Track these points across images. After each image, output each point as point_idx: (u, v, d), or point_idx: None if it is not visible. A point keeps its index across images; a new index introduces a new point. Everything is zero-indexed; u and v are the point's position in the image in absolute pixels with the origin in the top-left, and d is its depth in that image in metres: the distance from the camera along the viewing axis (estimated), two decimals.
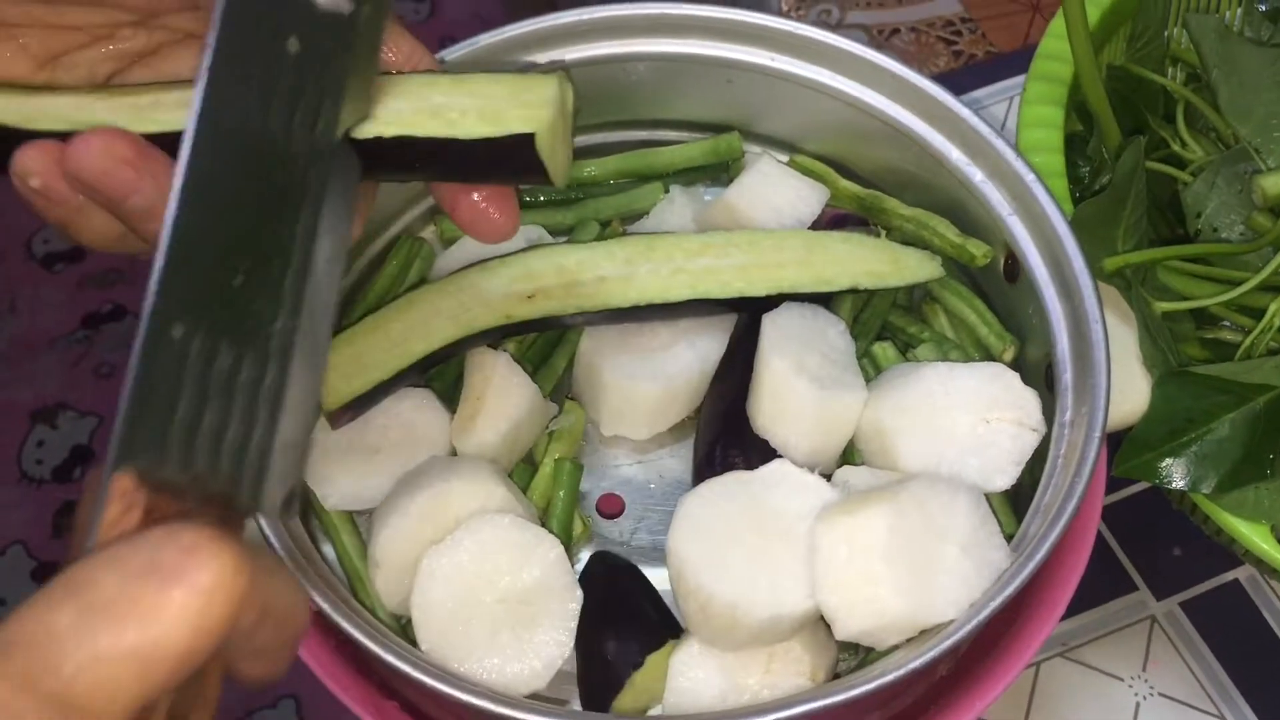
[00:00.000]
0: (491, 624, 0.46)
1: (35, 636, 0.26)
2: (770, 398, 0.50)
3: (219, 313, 0.33)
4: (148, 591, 0.26)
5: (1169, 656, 0.63)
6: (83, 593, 0.26)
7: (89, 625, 0.26)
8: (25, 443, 1.52)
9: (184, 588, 0.26)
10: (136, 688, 0.26)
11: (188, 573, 0.26)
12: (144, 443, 0.31)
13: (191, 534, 0.27)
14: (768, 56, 0.57)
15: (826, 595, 0.44)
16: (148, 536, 0.27)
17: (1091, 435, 0.46)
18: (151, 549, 0.27)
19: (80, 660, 0.26)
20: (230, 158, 0.34)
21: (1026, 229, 0.53)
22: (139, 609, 0.26)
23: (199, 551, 0.27)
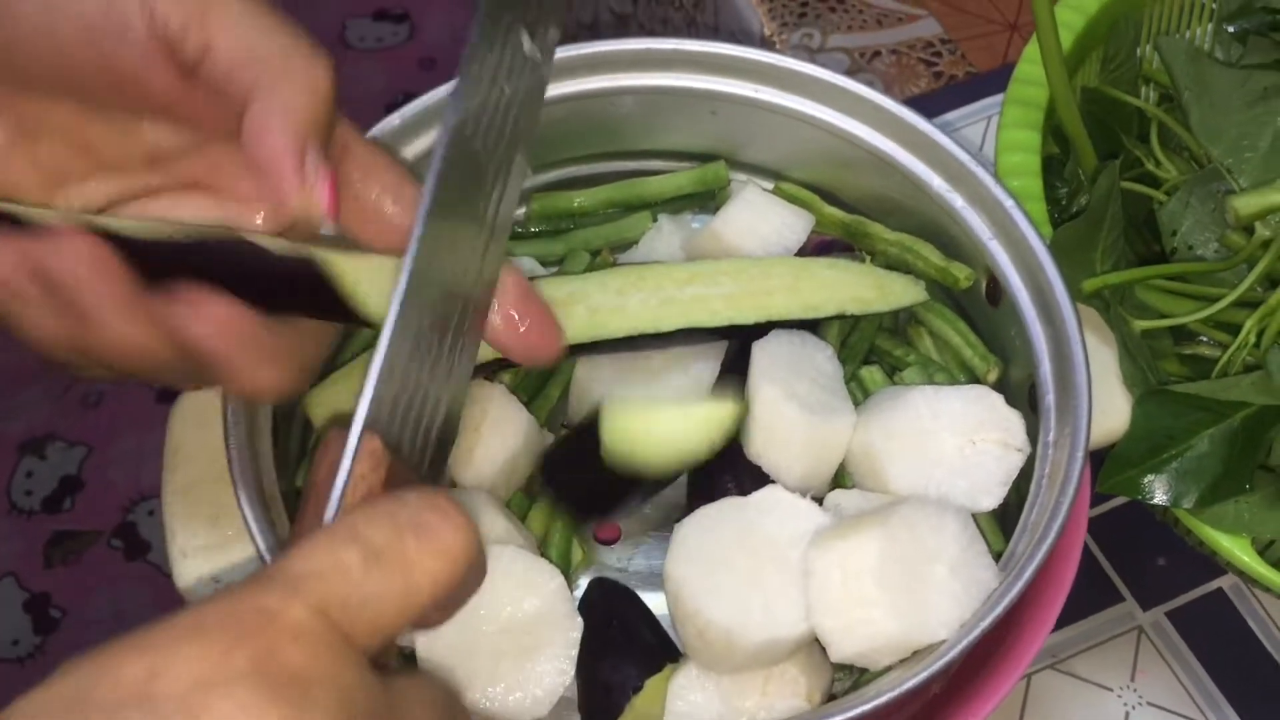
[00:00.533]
0: (494, 654, 0.47)
1: (328, 571, 0.29)
2: (762, 425, 0.51)
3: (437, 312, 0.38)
4: (413, 546, 0.31)
5: (1157, 666, 0.64)
6: (363, 539, 0.30)
7: (371, 568, 0.30)
8: (14, 474, 1.52)
9: (439, 547, 0.31)
10: (395, 626, 0.30)
11: (443, 535, 0.31)
12: (385, 411, 0.36)
13: (447, 503, 0.32)
14: (751, 88, 0.59)
15: (822, 618, 0.45)
16: (411, 499, 0.32)
17: (1075, 455, 0.47)
18: (415, 510, 0.31)
19: (363, 597, 0.29)
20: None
21: (1007, 253, 0.54)
22: (406, 561, 0.30)
23: (452, 518, 0.31)
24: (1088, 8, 0.65)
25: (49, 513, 1.50)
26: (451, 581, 0.31)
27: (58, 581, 1.45)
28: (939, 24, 0.88)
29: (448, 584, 0.31)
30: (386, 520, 0.31)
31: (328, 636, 0.28)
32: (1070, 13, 0.64)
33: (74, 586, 1.45)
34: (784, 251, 0.59)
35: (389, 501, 0.32)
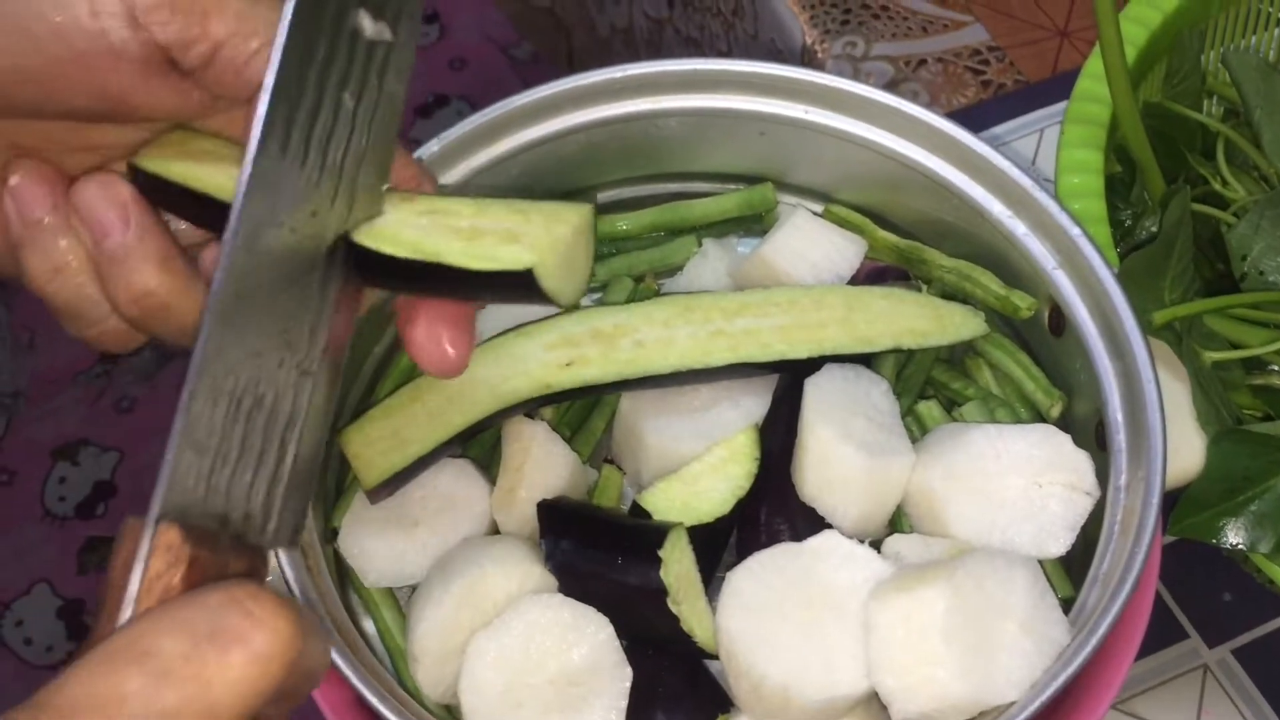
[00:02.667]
0: (542, 706, 0.46)
1: (105, 698, 0.27)
2: (816, 466, 0.49)
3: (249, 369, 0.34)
4: (212, 656, 0.27)
5: (1223, 706, 0.62)
6: (149, 657, 0.27)
7: (157, 688, 0.27)
8: (48, 480, 1.52)
9: (246, 653, 0.28)
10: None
11: (249, 639, 0.28)
12: (185, 494, 0.32)
13: (251, 600, 0.28)
14: (801, 109, 0.56)
15: (884, 677, 0.43)
16: (208, 599, 0.28)
17: (1149, 502, 0.45)
18: (214, 613, 0.28)
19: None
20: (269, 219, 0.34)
21: (1072, 283, 0.52)
22: (205, 672, 0.27)
23: (259, 618, 0.28)
24: (1150, 21, 0.63)
25: (82, 518, 1.50)
26: (266, 685, 0.28)
27: (91, 588, 1.45)
28: (986, 31, 0.85)
29: (262, 690, 0.28)
30: (177, 630, 0.28)
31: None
32: (1133, 26, 0.62)
33: None
34: (836, 279, 0.57)
35: (183, 607, 0.28)
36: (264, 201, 0.34)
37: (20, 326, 1.62)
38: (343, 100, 0.36)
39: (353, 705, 0.47)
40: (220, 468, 0.33)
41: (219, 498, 0.33)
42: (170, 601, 0.29)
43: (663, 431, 0.53)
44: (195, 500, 0.32)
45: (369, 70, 0.37)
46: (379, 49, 0.37)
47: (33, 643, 1.41)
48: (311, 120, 0.35)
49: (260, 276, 0.34)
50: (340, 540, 0.52)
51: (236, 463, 0.33)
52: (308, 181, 0.36)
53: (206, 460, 0.32)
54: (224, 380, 0.33)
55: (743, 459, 0.51)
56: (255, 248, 0.34)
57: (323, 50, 0.35)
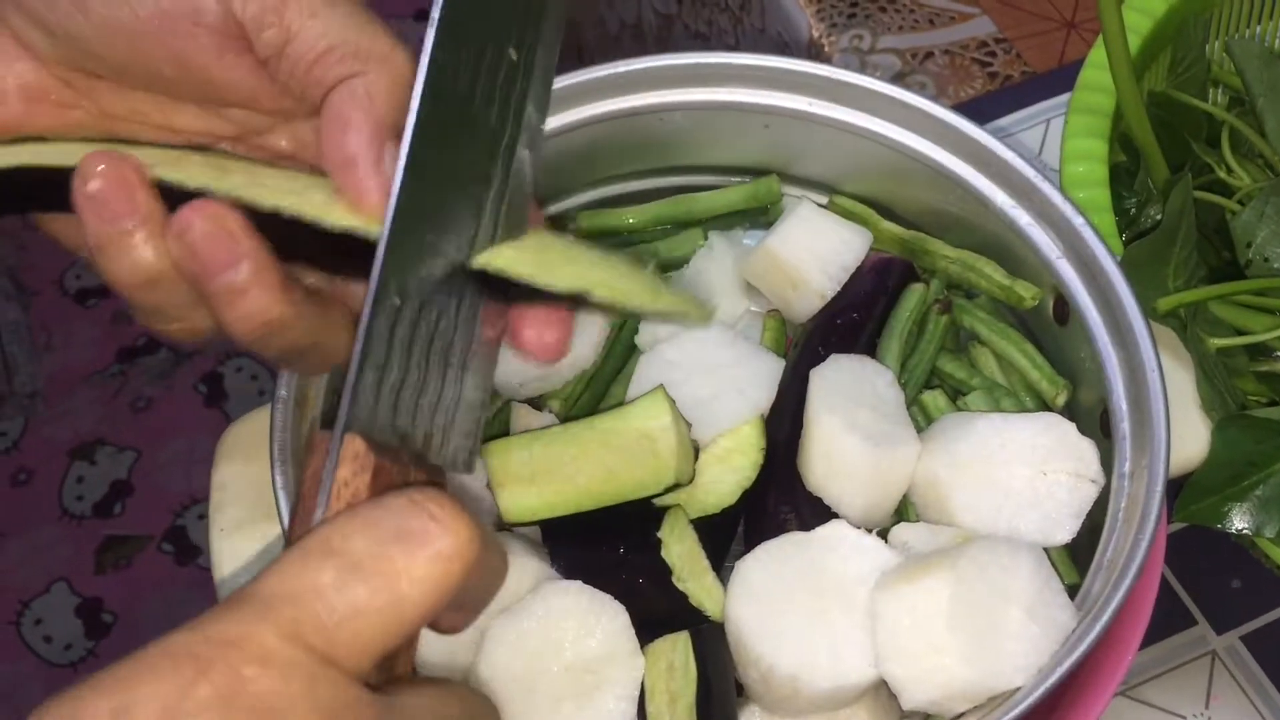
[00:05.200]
0: (556, 693, 0.46)
1: (300, 592, 0.28)
2: (822, 456, 0.49)
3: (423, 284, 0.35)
4: (398, 555, 0.29)
5: (1232, 692, 0.62)
6: (340, 553, 0.29)
7: (348, 584, 0.28)
8: (65, 479, 1.53)
9: (429, 553, 0.29)
10: (384, 641, 0.29)
11: (432, 539, 0.29)
12: (368, 406, 0.33)
13: (434, 503, 0.30)
14: (805, 101, 0.57)
15: (891, 665, 0.43)
16: (394, 502, 0.30)
17: (1153, 489, 0.45)
18: (400, 515, 0.29)
19: (341, 615, 0.28)
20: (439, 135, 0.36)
21: (1076, 272, 0.52)
22: (391, 570, 0.29)
23: (442, 520, 0.29)
24: (1154, 9, 0.63)
25: (100, 517, 1.51)
26: (449, 585, 0.29)
27: (109, 586, 1.46)
28: (993, 23, 0.85)
29: (445, 588, 0.29)
30: (365, 529, 0.29)
31: (301, 660, 0.27)
32: (1137, 15, 0.62)
33: (125, 591, 1.46)
34: (842, 270, 0.57)
35: (369, 509, 0.30)
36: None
37: (38, 327, 1.63)
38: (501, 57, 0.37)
39: None
40: (399, 389, 0.34)
41: (399, 417, 0.34)
42: (358, 506, 0.30)
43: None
44: (378, 417, 0.33)
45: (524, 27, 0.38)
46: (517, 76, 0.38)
47: (52, 641, 1.43)
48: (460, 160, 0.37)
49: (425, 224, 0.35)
50: None
51: (415, 386, 0.35)
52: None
53: (386, 379, 0.34)
54: (397, 303, 0.34)
55: (748, 450, 0.52)
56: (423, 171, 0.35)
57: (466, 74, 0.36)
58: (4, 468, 1.54)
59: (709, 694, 0.45)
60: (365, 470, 0.32)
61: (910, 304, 0.56)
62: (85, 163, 0.37)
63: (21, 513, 1.51)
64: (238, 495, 0.51)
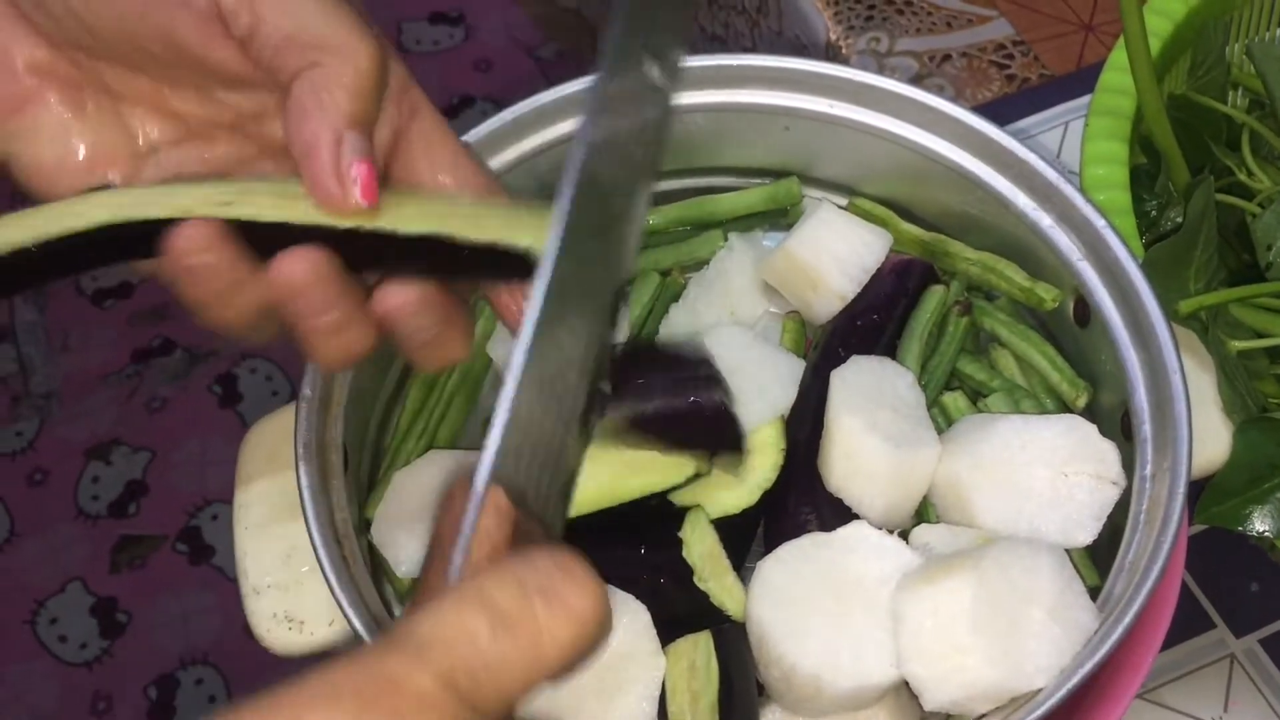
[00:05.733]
0: (579, 692, 0.46)
1: (456, 638, 0.29)
2: (843, 457, 0.49)
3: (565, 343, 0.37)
4: (542, 612, 0.30)
5: (1250, 695, 0.62)
6: (491, 605, 0.30)
7: (499, 635, 0.29)
8: (81, 479, 1.54)
9: (570, 613, 0.30)
10: (520, 691, 0.30)
11: (571, 599, 0.30)
12: (512, 462, 0.34)
13: (578, 566, 0.31)
14: (826, 104, 0.57)
15: (913, 666, 0.43)
16: (539, 561, 0.31)
17: (1175, 491, 0.45)
18: (544, 574, 0.30)
19: (490, 664, 0.29)
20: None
21: (1098, 275, 0.52)
22: (535, 627, 0.30)
23: (582, 583, 0.31)
24: (1175, 12, 0.63)
25: (115, 517, 1.52)
26: (580, 646, 0.30)
27: (124, 586, 1.47)
28: (1010, 25, 0.85)
29: (576, 649, 0.30)
30: (514, 584, 0.30)
31: (452, 706, 0.28)
32: (1157, 18, 0.62)
33: (140, 591, 1.46)
34: (862, 272, 0.57)
35: (517, 564, 0.31)
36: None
37: (54, 328, 1.64)
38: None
39: None
40: (525, 451, 0.35)
41: (521, 477, 0.35)
42: (504, 560, 0.31)
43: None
44: (508, 474, 0.34)
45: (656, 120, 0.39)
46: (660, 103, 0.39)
47: (67, 640, 1.43)
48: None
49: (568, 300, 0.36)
50: (373, 531, 0.52)
51: (534, 451, 0.36)
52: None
53: (519, 440, 0.34)
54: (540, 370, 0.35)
55: (769, 451, 0.52)
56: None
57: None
58: (20, 468, 1.55)
59: (731, 693, 0.45)
60: (506, 523, 0.33)
61: (930, 306, 0.56)
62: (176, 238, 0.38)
63: (37, 512, 1.52)
64: (261, 494, 0.51)
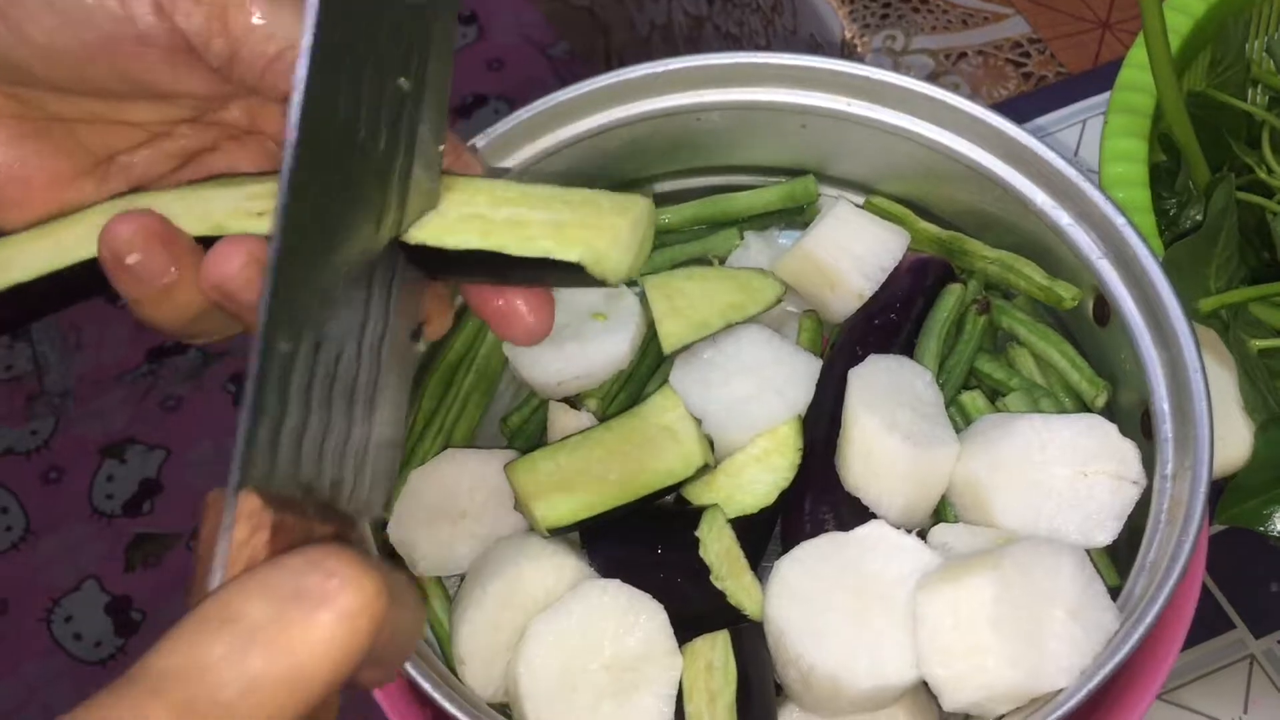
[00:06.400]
0: (595, 692, 0.46)
1: (191, 666, 0.26)
2: (861, 456, 0.49)
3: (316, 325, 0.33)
4: (297, 618, 0.27)
5: (1270, 696, 0.61)
6: (232, 622, 0.27)
7: (243, 654, 0.27)
8: (95, 478, 1.54)
9: (331, 613, 0.27)
10: (291, 710, 0.27)
11: (333, 598, 0.27)
12: (263, 459, 0.31)
13: (334, 559, 0.28)
14: (843, 101, 0.57)
15: (933, 666, 0.43)
16: (290, 562, 0.28)
17: (1196, 491, 0.45)
18: (296, 575, 0.28)
19: (236, 689, 0.26)
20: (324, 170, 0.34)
21: (1118, 273, 0.52)
22: (289, 635, 0.27)
23: (343, 577, 0.27)
24: (1194, 9, 0.62)
25: (129, 515, 1.52)
26: (356, 644, 0.27)
27: (139, 584, 1.47)
28: (1027, 23, 0.85)
29: (352, 648, 0.27)
30: (260, 593, 0.27)
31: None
32: (1177, 15, 0.62)
33: (155, 589, 1.47)
34: (879, 271, 0.57)
35: (267, 570, 0.28)
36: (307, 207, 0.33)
37: (68, 327, 1.64)
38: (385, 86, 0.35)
39: (406, 692, 0.48)
40: (299, 437, 0.33)
41: (302, 467, 0.32)
42: (255, 569, 0.29)
43: (706, 423, 0.54)
44: (277, 470, 0.32)
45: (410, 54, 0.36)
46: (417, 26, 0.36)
47: (82, 638, 1.44)
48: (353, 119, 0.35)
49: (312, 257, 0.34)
50: (390, 530, 0.52)
51: (318, 432, 0.33)
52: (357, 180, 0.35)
53: (283, 429, 0.32)
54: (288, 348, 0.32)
55: (786, 450, 0.52)
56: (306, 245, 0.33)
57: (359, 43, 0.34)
58: (35, 466, 1.55)
59: (748, 693, 0.45)
60: (263, 528, 0.30)
61: (948, 304, 0.56)
62: (112, 230, 0.36)
63: (52, 511, 1.53)
64: None
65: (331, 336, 0.34)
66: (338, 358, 0.34)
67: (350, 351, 0.35)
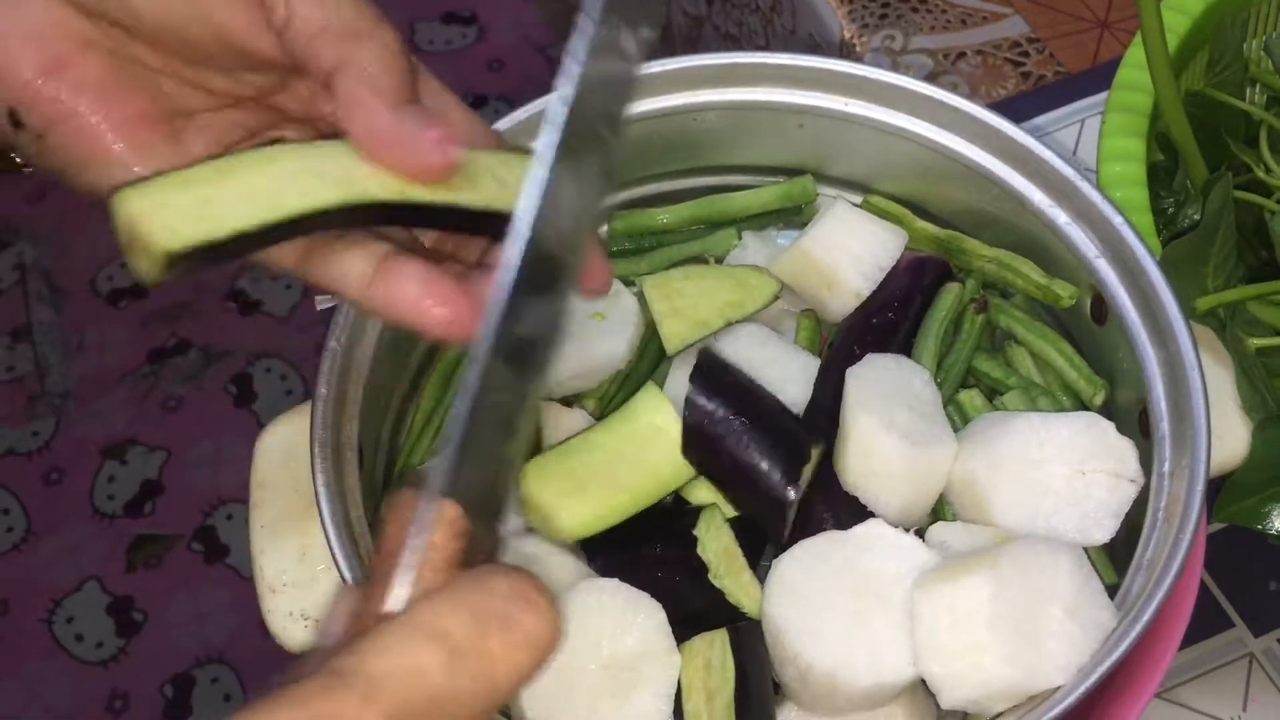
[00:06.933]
0: (594, 691, 0.46)
1: (406, 672, 0.29)
2: (859, 456, 0.49)
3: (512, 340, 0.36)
4: (497, 642, 0.30)
5: (1269, 695, 0.61)
6: (444, 636, 0.29)
7: (452, 666, 0.29)
8: (97, 479, 1.55)
9: (525, 640, 0.30)
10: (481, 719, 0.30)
11: (528, 626, 0.30)
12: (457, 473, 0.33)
13: (533, 590, 0.31)
14: (841, 101, 0.57)
15: (930, 665, 0.43)
16: (494, 585, 0.30)
17: (1194, 488, 0.45)
18: (501, 600, 0.30)
19: (444, 699, 0.29)
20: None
21: (1115, 272, 0.52)
22: (490, 657, 0.29)
23: (538, 607, 0.30)
24: (1192, 9, 0.62)
25: (130, 516, 1.52)
26: (535, 670, 0.30)
27: (140, 585, 1.48)
28: (1026, 22, 0.85)
29: (530, 673, 0.30)
30: (468, 613, 0.30)
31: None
32: (1175, 14, 0.62)
33: (155, 589, 1.47)
34: (877, 270, 0.57)
35: (471, 589, 0.30)
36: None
37: (70, 328, 1.64)
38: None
39: None
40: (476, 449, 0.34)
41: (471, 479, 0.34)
42: (459, 583, 0.31)
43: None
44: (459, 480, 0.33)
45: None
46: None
47: (83, 639, 1.44)
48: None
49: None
50: None
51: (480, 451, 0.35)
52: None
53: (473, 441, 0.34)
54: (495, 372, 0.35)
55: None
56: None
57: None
58: (36, 467, 1.56)
59: (747, 691, 0.45)
60: (459, 538, 0.32)
61: (946, 303, 0.56)
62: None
63: (54, 512, 1.53)
64: (277, 493, 0.51)
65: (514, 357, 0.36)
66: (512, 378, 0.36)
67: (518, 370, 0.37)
